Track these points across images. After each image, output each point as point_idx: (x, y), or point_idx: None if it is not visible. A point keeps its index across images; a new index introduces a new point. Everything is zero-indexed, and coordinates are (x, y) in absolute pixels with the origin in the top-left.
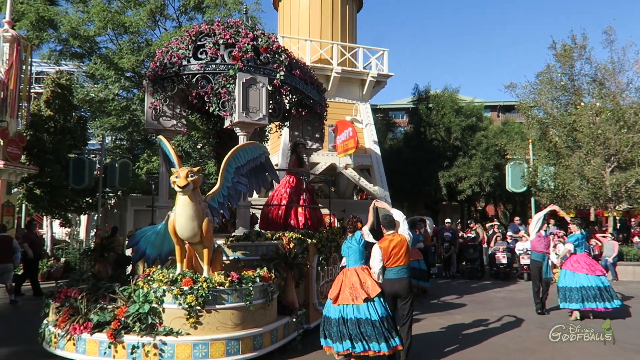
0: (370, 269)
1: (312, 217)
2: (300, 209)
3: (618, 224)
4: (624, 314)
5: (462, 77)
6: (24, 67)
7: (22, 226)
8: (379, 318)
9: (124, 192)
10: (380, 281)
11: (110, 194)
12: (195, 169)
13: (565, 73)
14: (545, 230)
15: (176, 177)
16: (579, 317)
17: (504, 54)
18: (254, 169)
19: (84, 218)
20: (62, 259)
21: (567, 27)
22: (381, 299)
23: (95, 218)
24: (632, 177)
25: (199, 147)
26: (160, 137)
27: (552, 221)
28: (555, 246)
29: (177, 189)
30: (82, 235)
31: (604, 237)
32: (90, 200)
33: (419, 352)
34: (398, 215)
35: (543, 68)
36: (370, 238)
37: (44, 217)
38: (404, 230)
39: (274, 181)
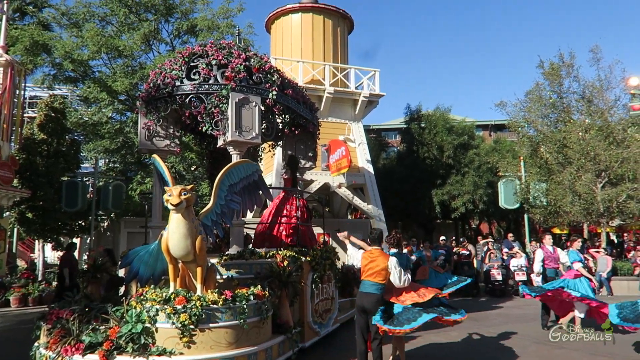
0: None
1: (302, 233)
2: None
3: (616, 240)
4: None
5: (453, 98)
6: (17, 91)
7: (14, 250)
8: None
9: (117, 215)
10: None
11: (103, 217)
12: (189, 187)
13: (554, 91)
14: (552, 246)
15: (169, 195)
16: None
17: (494, 75)
18: (247, 187)
19: (76, 241)
20: (54, 283)
21: (555, 47)
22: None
23: (88, 241)
24: (623, 192)
25: (192, 168)
26: (155, 156)
27: (548, 236)
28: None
29: (170, 206)
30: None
31: (597, 252)
32: (83, 223)
33: None
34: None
35: (532, 86)
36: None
37: (36, 241)
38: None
39: (267, 199)
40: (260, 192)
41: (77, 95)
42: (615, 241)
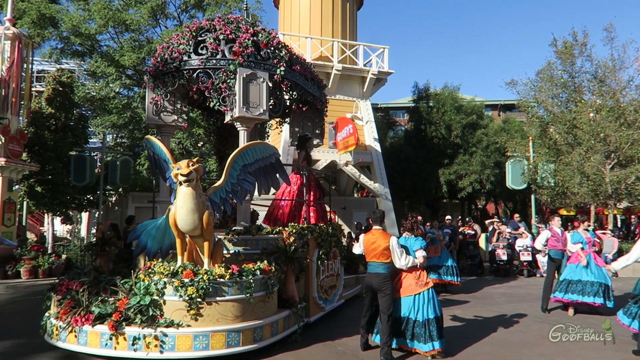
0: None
1: (320, 214)
2: (310, 207)
3: (619, 222)
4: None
5: (462, 77)
6: (25, 65)
7: (23, 223)
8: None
9: (125, 189)
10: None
11: (112, 192)
12: (195, 159)
13: (565, 70)
14: (561, 228)
15: (177, 168)
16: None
17: (504, 54)
18: (263, 169)
19: (85, 215)
20: (64, 256)
21: (567, 26)
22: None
23: (97, 215)
24: (632, 174)
25: (199, 145)
26: (149, 137)
27: (557, 218)
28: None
29: (181, 178)
30: (83, 233)
31: (604, 234)
32: (92, 198)
33: None
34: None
35: (544, 65)
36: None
37: (45, 215)
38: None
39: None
40: (278, 175)
41: (84, 70)
42: (619, 223)
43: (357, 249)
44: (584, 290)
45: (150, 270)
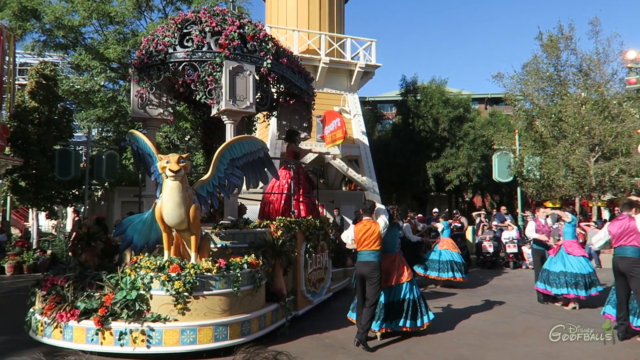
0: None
1: (309, 208)
2: (300, 200)
3: (608, 214)
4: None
5: (449, 70)
6: (7, 57)
7: (7, 218)
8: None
9: (111, 184)
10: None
11: (97, 186)
12: (184, 155)
13: (551, 64)
14: (552, 219)
15: (166, 162)
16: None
17: (491, 48)
18: (252, 163)
19: (70, 210)
20: (49, 251)
21: (553, 20)
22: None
23: (82, 210)
24: (615, 166)
25: (186, 138)
26: (132, 131)
27: (542, 209)
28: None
29: (168, 173)
30: (68, 228)
31: (587, 225)
32: (77, 192)
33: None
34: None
35: (530, 58)
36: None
37: (30, 210)
38: (382, 221)
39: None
40: (267, 169)
41: (68, 63)
42: (608, 216)
43: (348, 239)
44: (559, 282)
45: (136, 264)
